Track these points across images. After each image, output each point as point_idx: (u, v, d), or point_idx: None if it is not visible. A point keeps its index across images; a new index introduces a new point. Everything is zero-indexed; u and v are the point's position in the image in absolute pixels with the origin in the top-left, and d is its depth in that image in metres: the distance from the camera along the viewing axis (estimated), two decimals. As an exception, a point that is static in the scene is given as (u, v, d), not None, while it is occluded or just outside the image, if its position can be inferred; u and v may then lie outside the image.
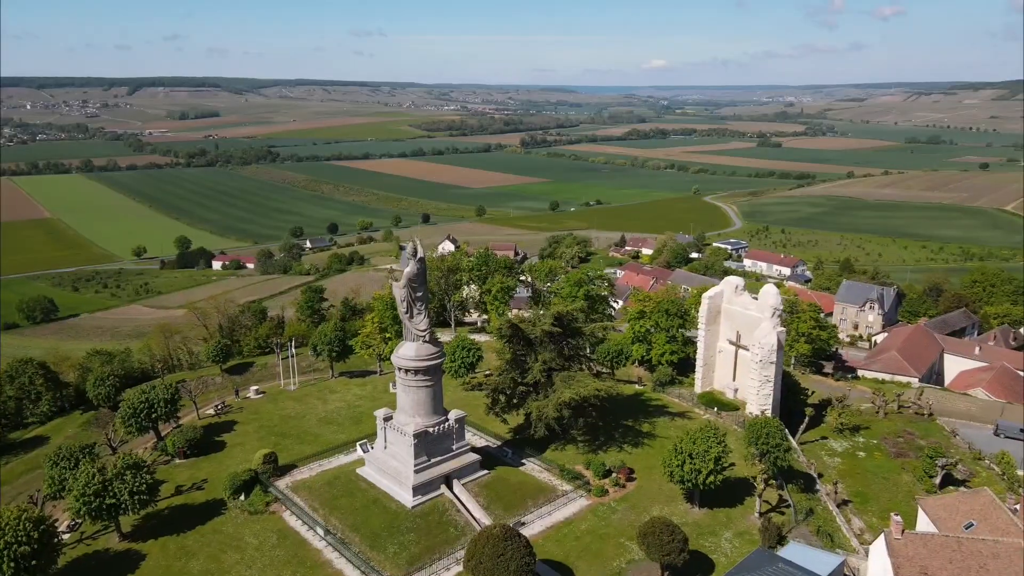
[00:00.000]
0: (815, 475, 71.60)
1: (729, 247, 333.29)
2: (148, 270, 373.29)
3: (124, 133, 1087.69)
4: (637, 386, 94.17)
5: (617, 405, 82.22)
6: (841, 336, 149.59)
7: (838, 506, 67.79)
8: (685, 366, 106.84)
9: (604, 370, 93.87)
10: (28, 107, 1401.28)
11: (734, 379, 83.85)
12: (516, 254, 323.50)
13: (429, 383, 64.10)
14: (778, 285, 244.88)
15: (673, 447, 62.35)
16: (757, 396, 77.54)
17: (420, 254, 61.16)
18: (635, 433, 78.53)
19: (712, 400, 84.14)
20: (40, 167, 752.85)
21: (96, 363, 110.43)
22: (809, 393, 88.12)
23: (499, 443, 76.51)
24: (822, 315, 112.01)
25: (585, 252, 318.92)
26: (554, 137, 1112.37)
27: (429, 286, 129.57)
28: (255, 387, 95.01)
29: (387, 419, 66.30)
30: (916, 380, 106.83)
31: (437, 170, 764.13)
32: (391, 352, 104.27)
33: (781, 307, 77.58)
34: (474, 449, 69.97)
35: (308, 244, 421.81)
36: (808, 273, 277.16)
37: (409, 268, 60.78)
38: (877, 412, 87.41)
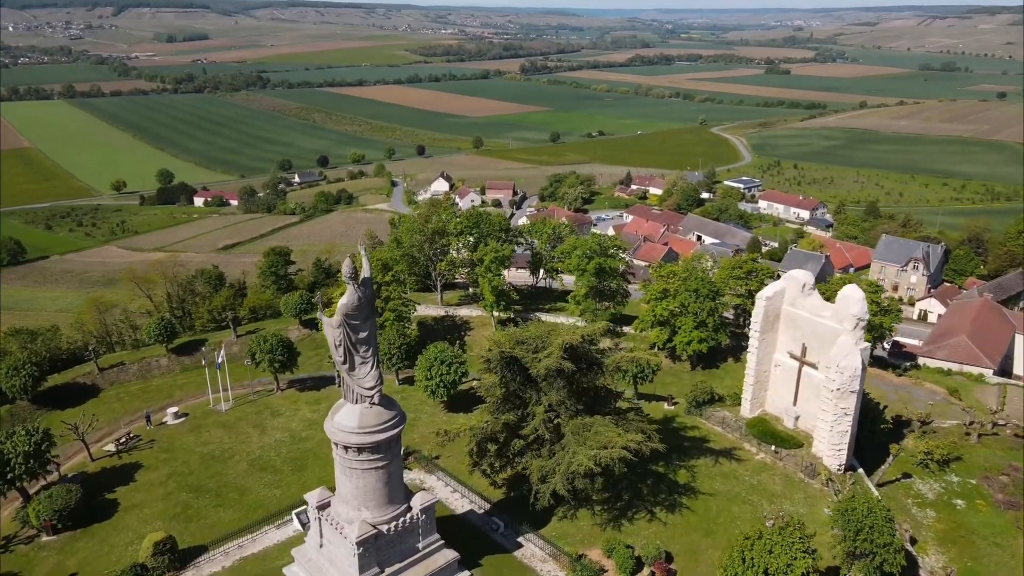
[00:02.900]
0: (910, 545, 53.78)
1: (741, 186, 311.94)
2: (127, 206, 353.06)
3: (109, 57, 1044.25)
4: (667, 406, 75.58)
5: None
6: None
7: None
8: (714, 355, 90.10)
9: (631, 402, 70.23)
10: (11, 28, 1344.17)
11: (795, 403, 65.46)
12: (515, 194, 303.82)
13: (380, 463, 43.93)
14: (799, 234, 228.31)
15: (739, 554, 43.33)
16: (830, 433, 59.11)
17: (365, 273, 40.86)
18: (669, 486, 59.96)
19: (766, 431, 65.55)
20: (21, 93, 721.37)
21: (14, 345, 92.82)
22: (882, 410, 69.73)
23: (487, 506, 57.81)
24: (884, 296, 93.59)
25: (589, 192, 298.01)
26: (555, 63, 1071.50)
27: (411, 251, 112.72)
28: (174, 408, 74.30)
29: (323, 507, 46.39)
30: (990, 372, 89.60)
31: (433, 98, 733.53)
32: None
33: (867, 316, 58.34)
34: (453, 519, 51.91)
35: (296, 179, 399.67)
36: (829, 217, 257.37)
37: (347, 297, 40.33)
38: (968, 435, 70.02)
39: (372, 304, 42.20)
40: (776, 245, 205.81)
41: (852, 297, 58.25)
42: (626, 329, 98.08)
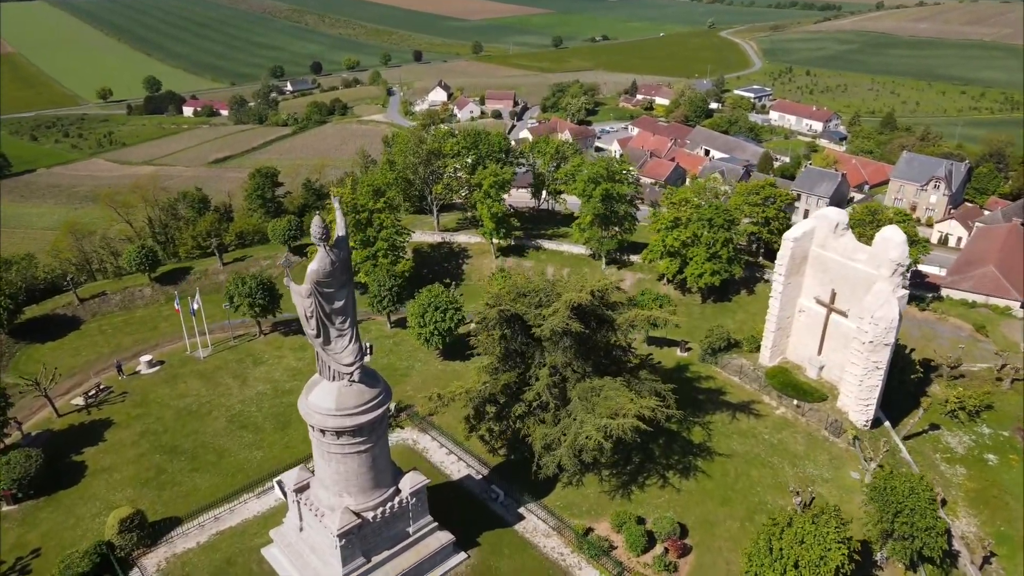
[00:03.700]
0: (941, 508, 48.96)
1: (752, 95, 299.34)
2: (114, 116, 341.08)
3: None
4: (679, 352, 70.27)
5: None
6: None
7: (981, 569, 46.62)
8: (727, 287, 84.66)
9: (641, 358, 60.87)
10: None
11: (819, 352, 60.21)
12: (515, 104, 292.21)
13: (363, 447, 38.27)
14: (812, 147, 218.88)
15: (765, 542, 38.62)
16: (858, 387, 54.20)
17: (340, 232, 34.45)
18: (683, 446, 55.08)
19: (787, 382, 60.53)
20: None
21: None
22: (910, 354, 64.38)
23: (486, 471, 52.86)
24: (913, 226, 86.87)
25: (592, 102, 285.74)
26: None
27: (405, 173, 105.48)
28: (148, 356, 68.19)
29: (301, 490, 41.28)
30: (1018, 305, 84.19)
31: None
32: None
33: (907, 261, 52.45)
34: (449, 486, 47.08)
35: (288, 87, 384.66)
36: (843, 129, 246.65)
37: (317, 262, 33.64)
38: (1000, 380, 65.01)
39: (349, 268, 35.82)
40: (788, 160, 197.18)
41: (892, 240, 51.82)
42: (633, 258, 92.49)
